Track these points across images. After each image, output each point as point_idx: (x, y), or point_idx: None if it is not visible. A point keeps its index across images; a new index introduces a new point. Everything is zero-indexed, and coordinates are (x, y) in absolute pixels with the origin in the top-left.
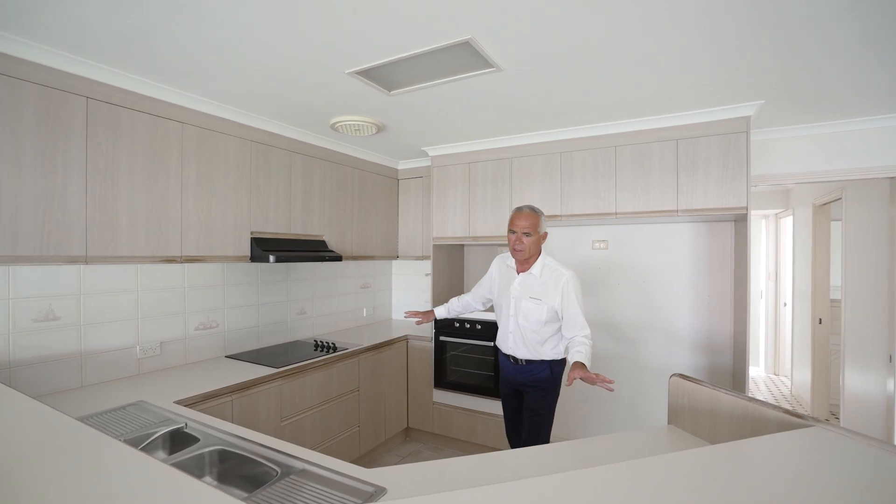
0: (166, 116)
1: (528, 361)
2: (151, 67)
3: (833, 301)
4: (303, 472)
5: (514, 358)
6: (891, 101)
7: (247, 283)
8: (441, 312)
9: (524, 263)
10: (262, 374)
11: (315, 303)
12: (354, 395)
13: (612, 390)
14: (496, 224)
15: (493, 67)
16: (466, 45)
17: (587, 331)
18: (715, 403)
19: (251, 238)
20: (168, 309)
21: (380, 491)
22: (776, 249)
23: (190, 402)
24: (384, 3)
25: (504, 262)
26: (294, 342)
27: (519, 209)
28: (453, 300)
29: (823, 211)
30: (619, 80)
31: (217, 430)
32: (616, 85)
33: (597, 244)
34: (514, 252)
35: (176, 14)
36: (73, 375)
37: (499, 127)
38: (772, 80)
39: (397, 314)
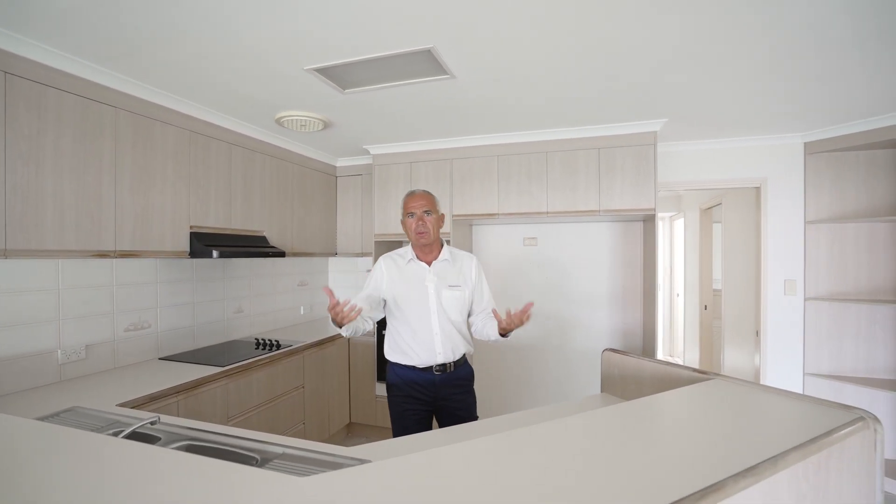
0: (98, 100)
1: (456, 363)
2: (83, 45)
3: (716, 290)
4: (284, 456)
5: (440, 367)
6: (757, 127)
7: (181, 281)
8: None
9: (430, 252)
10: (207, 374)
11: (252, 301)
12: (300, 392)
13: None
14: None
15: (448, 75)
16: (427, 53)
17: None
18: (640, 370)
19: (190, 232)
20: (94, 309)
21: (364, 462)
22: (671, 247)
23: (135, 405)
24: (357, 7)
25: (396, 261)
26: (233, 341)
27: (412, 192)
28: (359, 321)
29: (707, 214)
30: (554, 93)
31: (177, 426)
32: (550, 97)
33: (527, 241)
34: (418, 237)
35: None
36: None
37: (442, 129)
38: (673, 103)
39: None
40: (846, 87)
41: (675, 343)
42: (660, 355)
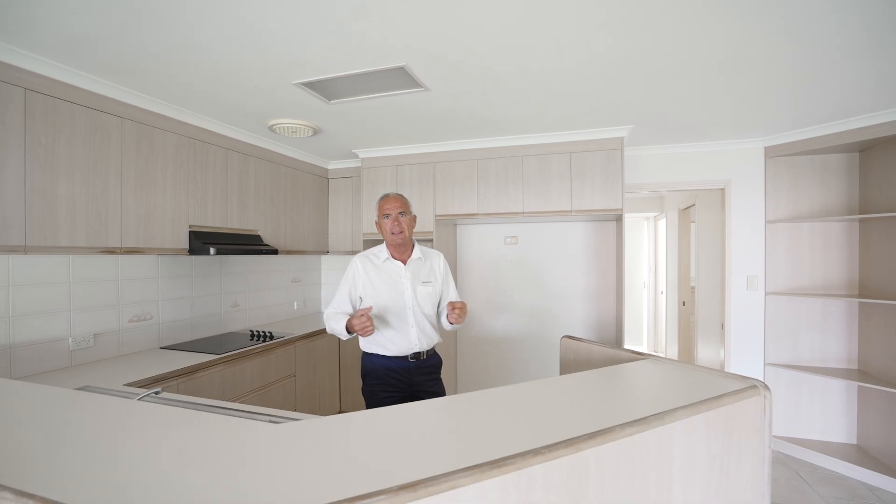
0: (105, 111)
1: (428, 352)
2: (93, 63)
3: (693, 287)
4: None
5: (414, 355)
6: (720, 132)
7: (181, 276)
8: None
9: (404, 251)
10: (205, 360)
11: (248, 296)
12: (291, 380)
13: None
14: (421, 221)
15: (423, 88)
16: (401, 70)
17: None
18: (591, 354)
19: (189, 231)
20: (101, 301)
21: None
22: (655, 246)
23: (140, 385)
24: (335, 32)
25: (372, 259)
26: (228, 333)
27: (386, 195)
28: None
29: (685, 214)
30: (527, 102)
31: (177, 399)
32: (524, 106)
33: (508, 240)
34: (392, 237)
35: (132, 17)
36: (2, 368)
37: (425, 135)
38: (636, 111)
39: (327, 307)
40: (803, 95)
41: (660, 339)
42: (645, 349)
